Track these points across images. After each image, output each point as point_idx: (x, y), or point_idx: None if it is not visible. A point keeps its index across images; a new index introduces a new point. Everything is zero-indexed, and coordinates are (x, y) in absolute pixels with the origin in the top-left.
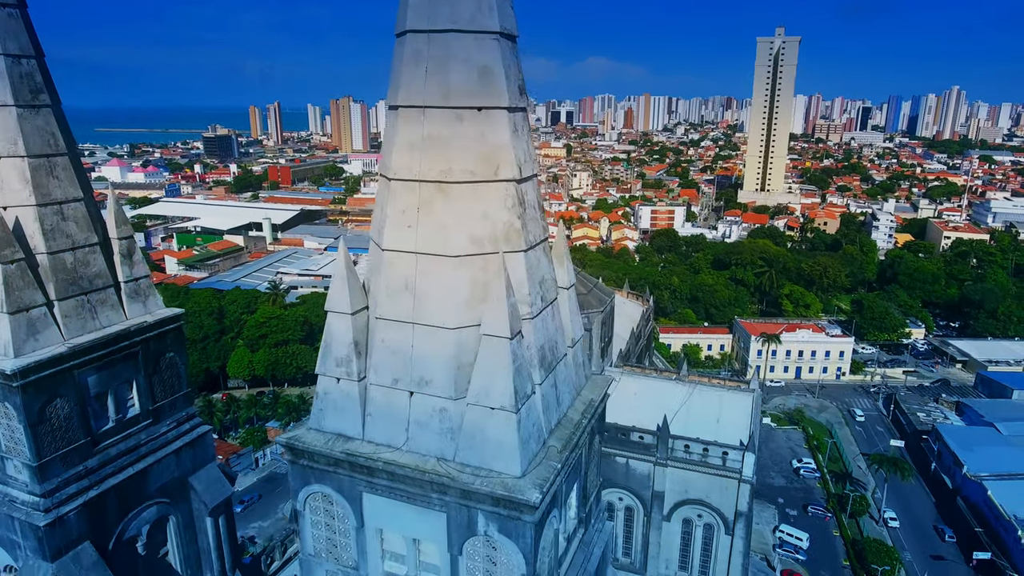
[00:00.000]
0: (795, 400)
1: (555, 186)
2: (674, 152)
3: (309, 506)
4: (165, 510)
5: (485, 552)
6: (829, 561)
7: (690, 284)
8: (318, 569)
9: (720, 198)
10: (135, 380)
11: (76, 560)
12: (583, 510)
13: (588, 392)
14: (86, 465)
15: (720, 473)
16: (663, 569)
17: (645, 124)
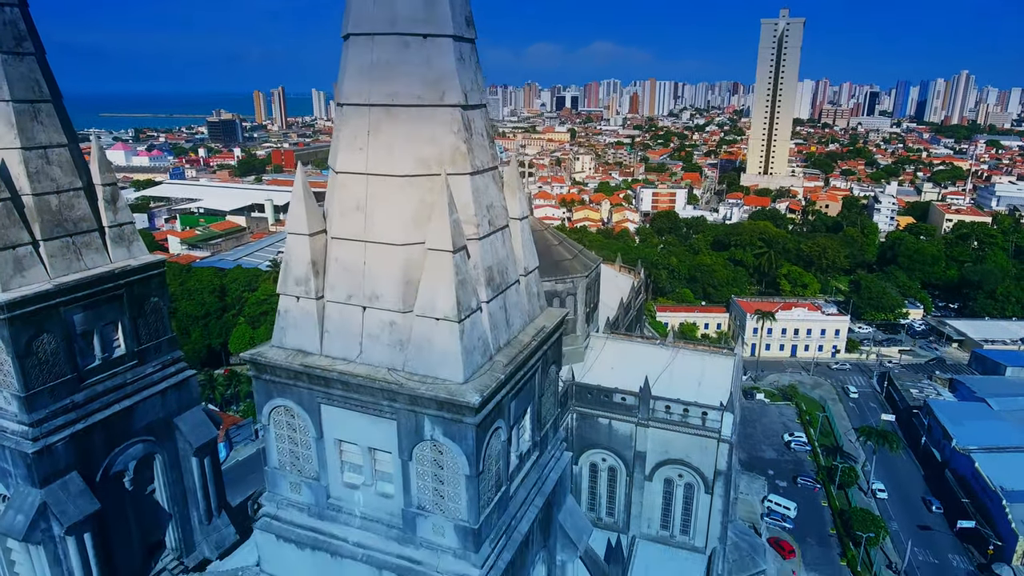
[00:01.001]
0: (789, 377)
1: (558, 170)
2: (679, 137)
3: (273, 420)
4: (151, 448)
5: (432, 456)
6: (816, 529)
7: (688, 264)
8: (282, 481)
9: (723, 181)
10: (120, 321)
11: (64, 488)
12: (538, 434)
13: (542, 320)
14: (73, 399)
15: (700, 433)
16: (645, 528)
17: (651, 109)
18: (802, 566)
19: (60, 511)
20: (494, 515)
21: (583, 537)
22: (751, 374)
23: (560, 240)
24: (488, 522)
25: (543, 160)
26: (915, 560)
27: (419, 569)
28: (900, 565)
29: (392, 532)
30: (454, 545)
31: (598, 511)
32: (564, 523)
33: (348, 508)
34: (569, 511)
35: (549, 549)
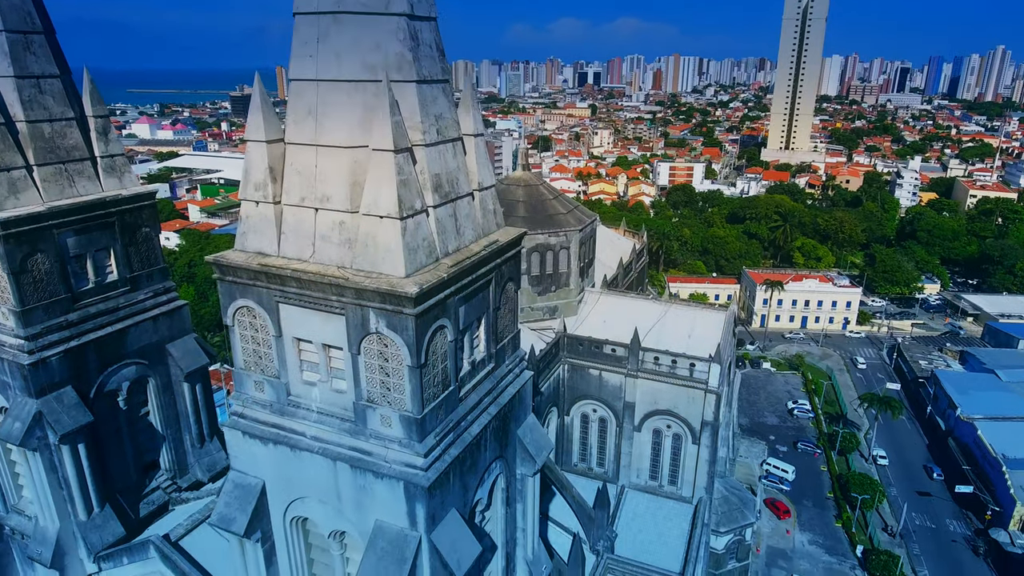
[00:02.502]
0: (798, 348)
1: (576, 144)
2: (701, 113)
3: (237, 321)
4: (144, 371)
5: (378, 349)
6: (814, 492)
7: (702, 236)
8: (247, 381)
9: (743, 157)
10: (112, 248)
11: (59, 400)
12: (493, 346)
13: (497, 236)
14: (67, 318)
15: (688, 384)
16: (634, 478)
17: (674, 86)
18: (796, 526)
19: (54, 420)
20: (441, 411)
21: (542, 453)
22: (759, 344)
23: (555, 195)
24: (434, 416)
25: (562, 135)
26: (912, 524)
27: (369, 460)
28: (895, 528)
29: (345, 425)
30: (400, 435)
31: (589, 461)
32: (523, 438)
33: (306, 404)
34: (529, 427)
35: (507, 461)
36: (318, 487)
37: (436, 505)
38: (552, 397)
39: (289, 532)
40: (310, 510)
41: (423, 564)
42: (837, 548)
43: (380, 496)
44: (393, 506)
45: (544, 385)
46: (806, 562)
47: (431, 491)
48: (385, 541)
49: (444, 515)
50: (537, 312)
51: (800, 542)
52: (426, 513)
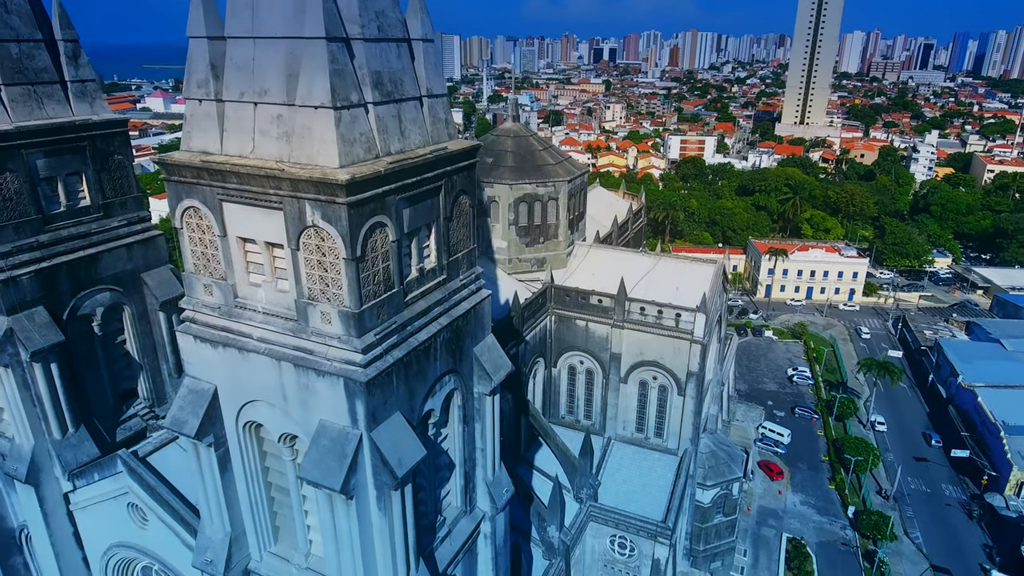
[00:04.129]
0: (801, 318)
1: (588, 118)
2: (717, 89)
3: (185, 223)
4: (118, 299)
5: (316, 243)
6: (809, 456)
7: (709, 208)
8: (197, 284)
9: (756, 131)
10: (84, 174)
11: (30, 318)
12: (445, 257)
13: (448, 144)
14: (38, 239)
15: (673, 334)
16: (620, 430)
17: (691, 62)
18: (789, 487)
19: (25, 337)
20: (382, 310)
21: (499, 372)
22: (762, 314)
23: (545, 147)
24: (374, 313)
25: (574, 111)
26: (906, 488)
27: (311, 359)
28: (889, 491)
29: (288, 325)
30: (339, 332)
31: (576, 413)
32: (480, 356)
33: (252, 306)
34: (487, 347)
35: (463, 378)
36: (266, 389)
37: (377, 404)
38: (539, 348)
39: (242, 438)
40: (260, 414)
41: (365, 462)
42: (829, 509)
43: (322, 395)
44: (334, 404)
45: (530, 335)
46: (797, 521)
47: (370, 388)
48: (328, 439)
49: (387, 416)
50: (525, 264)
51: (792, 503)
52: (366, 411)
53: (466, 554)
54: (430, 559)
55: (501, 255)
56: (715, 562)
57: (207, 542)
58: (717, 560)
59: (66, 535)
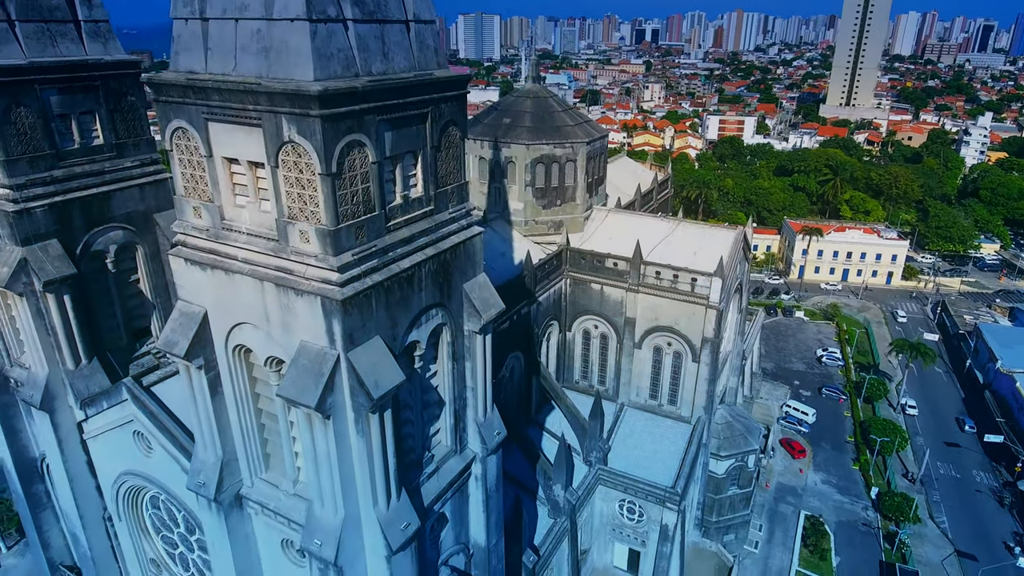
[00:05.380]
0: (835, 299)
1: (626, 98)
2: (761, 71)
3: (174, 144)
4: (131, 237)
5: (294, 160)
6: (833, 436)
7: (744, 188)
8: (187, 207)
9: (799, 113)
10: (97, 113)
11: (44, 250)
12: (432, 188)
13: (435, 72)
14: (52, 174)
15: (689, 299)
16: (634, 396)
17: (736, 44)
18: (811, 466)
19: (39, 268)
20: (361, 232)
21: (489, 310)
22: (794, 294)
23: (564, 108)
24: (351, 233)
25: (612, 91)
26: (935, 472)
27: (291, 278)
28: (916, 474)
29: (270, 245)
30: (317, 251)
31: (590, 379)
32: (471, 293)
33: (237, 227)
34: (478, 284)
35: (452, 314)
36: (251, 310)
37: (354, 325)
38: (553, 311)
39: (232, 362)
40: (248, 338)
41: (342, 382)
42: (851, 489)
43: (301, 315)
44: (313, 324)
45: (543, 296)
46: (816, 500)
47: (346, 308)
48: (306, 359)
49: (366, 339)
50: (541, 226)
51: (813, 481)
52: (343, 331)
53: (455, 494)
54: (415, 493)
55: (517, 216)
56: (728, 535)
57: (200, 465)
58: (730, 533)
59: (80, 463)
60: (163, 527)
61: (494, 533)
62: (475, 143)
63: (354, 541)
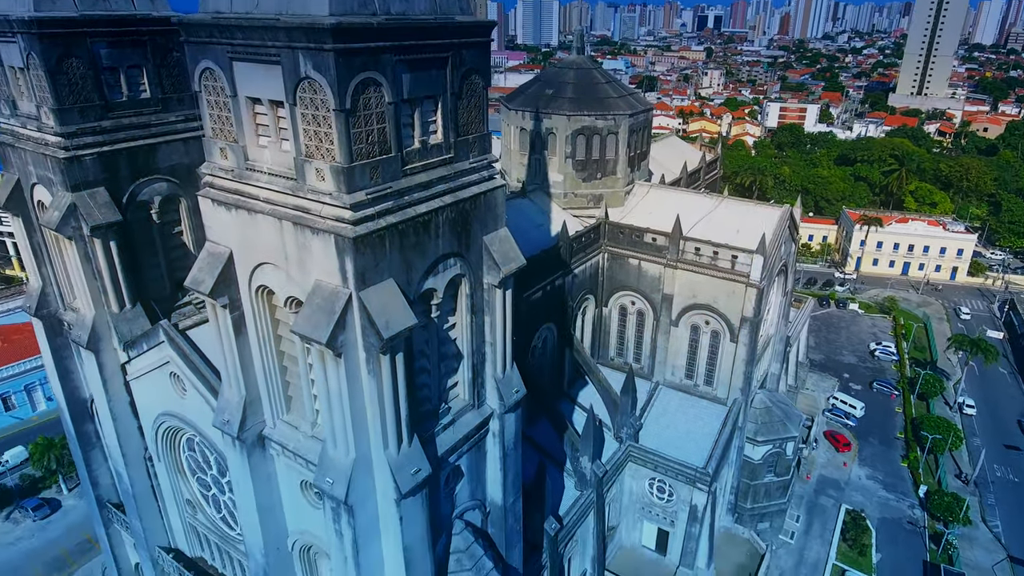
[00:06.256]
0: (893, 293)
1: (684, 85)
2: (828, 59)
3: (203, 86)
4: (175, 190)
5: (310, 96)
6: (882, 432)
7: (802, 176)
8: (214, 148)
9: (866, 101)
10: (145, 67)
11: (92, 197)
12: (452, 136)
13: (457, 16)
14: (100, 124)
15: (728, 277)
16: (669, 375)
17: (803, 31)
18: (856, 460)
19: (87, 213)
20: (376, 172)
21: (509, 264)
22: (849, 286)
23: (608, 80)
24: (365, 172)
25: (670, 77)
26: (991, 475)
27: (307, 217)
28: (970, 475)
29: (288, 184)
30: (331, 189)
31: (625, 356)
32: (491, 246)
33: (259, 167)
34: (499, 238)
35: (471, 266)
36: (271, 250)
37: (367, 265)
38: (589, 285)
39: (255, 302)
40: (269, 278)
41: (354, 321)
42: (898, 486)
43: (317, 253)
44: (327, 263)
45: (579, 268)
46: (860, 495)
47: (358, 246)
48: (320, 297)
49: (378, 280)
50: (581, 199)
51: (857, 476)
52: (355, 269)
53: (472, 449)
54: (429, 442)
55: (556, 189)
56: (763, 522)
57: (225, 404)
58: (765, 521)
59: (123, 404)
60: (198, 468)
61: (511, 492)
62: (516, 113)
63: (365, 482)
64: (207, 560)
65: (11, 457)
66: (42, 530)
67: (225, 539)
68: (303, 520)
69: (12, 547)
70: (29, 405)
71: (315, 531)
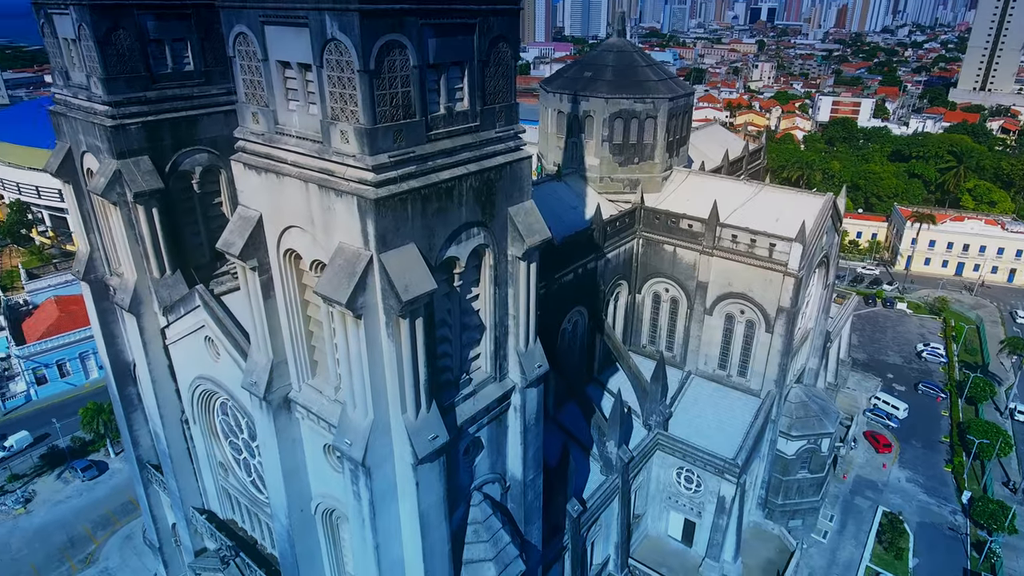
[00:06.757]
0: (945, 294)
1: (733, 78)
2: (887, 53)
3: (237, 51)
4: (215, 161)
5: (336, 58)
6: (926, 434)
7: (852, 171)
8: (247, 112)
9: (924, 96)
10: (189, 41)
11: (136, 165)
12: (479, 104)
13: None
14: (146, 95)
15: (765, 265)
16: (702, 365)
17: (861, 24)
18: (897, 462)
19: (131, 180)
20: (400, 136)
21: (533, 236)
22: (898, 285)
23: (649, 63)
24: (389, 135)
25: (719, 70)
26: None
27: (331, 180)
28: (1019, 483)
29: (315, 147)
30: (355, 151)
31: (657, 343)
32: (515, 217)
33: (288, 131)
34: (524, 210)
35: (495, 237)
36: (298, 213)
37: (388, 227)
38: (622, 270)
39: (283, 266)
40: (296, 241)
41: (374, 283)
42: (940, 491)
43: (340, 215)
44: (350, 224)
45: (612, 253)
46: (898, 497)
47: (379, 208)
48: (342, 259)
49: (400, 244)
50: (617, 184)
51: (896, 478)
52: (376, 231)
53: (493, 421)
54: (449, 411)
55: (592, 173)
56: (795, 520)
57: (253, 366)
58: (797, 518)
59: (162, 367)
60: (230, 432)
61: (531, 467)
62: (554, 96)
63: (383, 445)
64: (237, 523)
65: (16, 442)
66: (89, 490)
67: (254, 502)
68: (326, 483)
69: (62, 504)
70: (83, 373)
71: (336, 495)
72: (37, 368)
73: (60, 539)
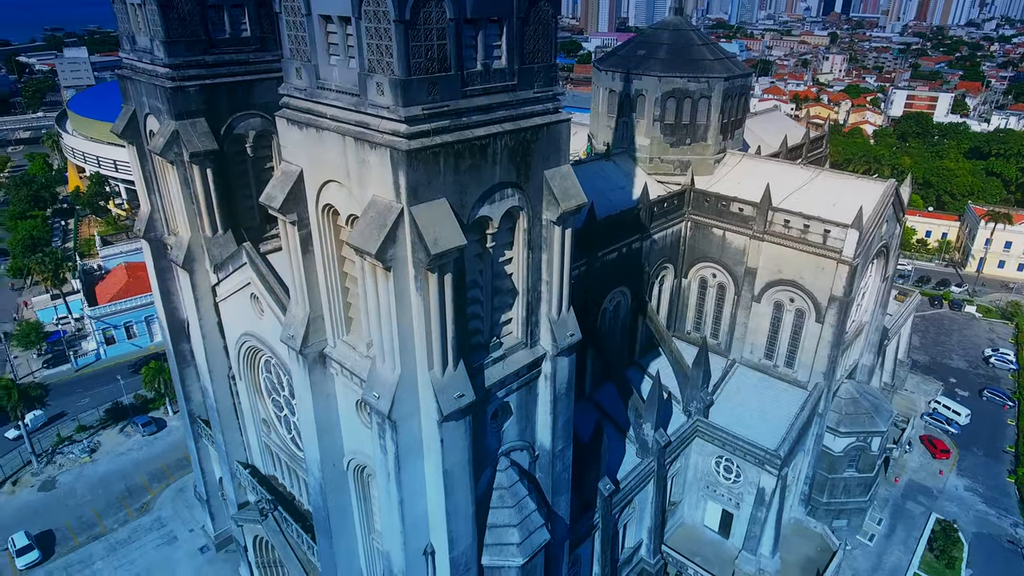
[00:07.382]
0: (1018, 297)
1: (801, 70)
2: (971, 47)
3: (283, 6)
4: (268, 126)
5: (373, 9)
6: (989, 443)
7: (925, 168)
8: (291, 68)
9: (1009, 92)
10: (247, 7)
11: (193, 126)
12: (516, 62)
13: None
14: (204, 59)
15: (818, 251)
16: (747, 353)
17: (943, 17)
18: (955, 469)
19: (188, 140)
20: (434, 88)
21: (569, 200)
22: (967, 287)
23: (706, 42)
24: (423, 87)
25: (787, 62)
26: None
27: (367, 132)
28: None
29: (352, 100)
30: (389, 103)
31: (702, 330)
32: (551, 180)
33: (328, 85)
34: (561, 174)
35: (530, 200)
36: (336, 167)
37: (419, 180)
38: (668, 253)
39: (321, 221)
40: (333, 196)
41: (404, 236)
42: (1000, 502)
43: (374, 168)
44: (382, 176)
45: (658, 234)
46: (955, 506)
47: (411, 160)
48: (374, 211)
49: (431, 198)
50: (667, 165)
51: (953, 485)
52: (407, 184)
53: (523, 387)
54: (478, 373)
55: (642, 153)
56: (839, 519)
57: (291, 319)
58: (842, 518)
59: (212, 324)
60: (273, 390)
61: (561, 438)
62: (606, 74)
63: (409, 400)
64: (277, 479)
65: (30, 420)
66: (148, 445)
67: (293, 459)
68: (358, 440)
69: (123, 456)
70: (148, 335)
71: (367, 451)
72: (107, 329)
73: (119, 488)
